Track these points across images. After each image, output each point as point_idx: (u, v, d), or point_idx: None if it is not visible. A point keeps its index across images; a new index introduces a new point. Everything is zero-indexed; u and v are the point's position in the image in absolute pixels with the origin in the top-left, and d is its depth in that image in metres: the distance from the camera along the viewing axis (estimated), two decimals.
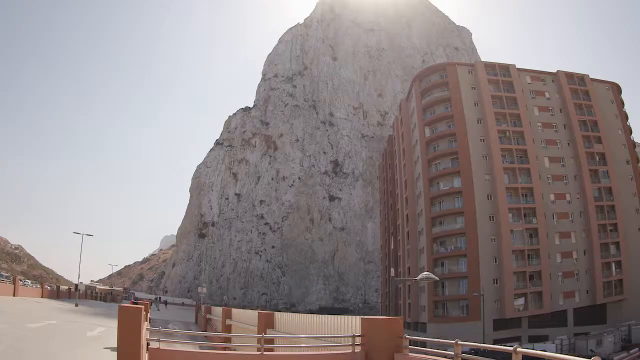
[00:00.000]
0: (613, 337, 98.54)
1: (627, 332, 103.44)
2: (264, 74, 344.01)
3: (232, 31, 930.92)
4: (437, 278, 49.60)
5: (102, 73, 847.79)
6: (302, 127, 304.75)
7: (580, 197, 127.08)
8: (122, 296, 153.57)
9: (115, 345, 17.79)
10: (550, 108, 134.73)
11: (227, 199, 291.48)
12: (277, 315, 33.09)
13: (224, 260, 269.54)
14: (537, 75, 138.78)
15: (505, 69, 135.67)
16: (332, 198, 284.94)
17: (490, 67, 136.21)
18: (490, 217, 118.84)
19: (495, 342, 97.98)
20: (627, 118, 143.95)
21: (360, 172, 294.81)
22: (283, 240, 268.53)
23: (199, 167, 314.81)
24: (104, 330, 44.70)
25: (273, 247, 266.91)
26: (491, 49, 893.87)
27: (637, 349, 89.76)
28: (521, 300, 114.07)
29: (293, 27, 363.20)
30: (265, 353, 19.58)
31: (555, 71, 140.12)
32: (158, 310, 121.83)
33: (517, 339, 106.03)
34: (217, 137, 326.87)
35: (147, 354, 18.40)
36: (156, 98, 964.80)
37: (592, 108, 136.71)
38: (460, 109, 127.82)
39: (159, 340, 19.11)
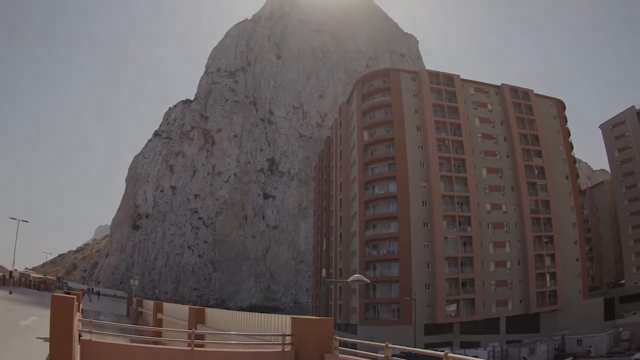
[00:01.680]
0: (547, 345, 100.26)
1: (561, 341, 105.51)
2: (207, 68, 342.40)
3: (181, 22, 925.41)
4: (368, 281, 49.46)
5: (43, 57, 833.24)
6: (241, 123, 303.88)
7: (517, 208, 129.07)
8: (56, 285, 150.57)
9: (48, 335, 17.35)
10: (491, 120, 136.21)
11: (162, 191, 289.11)
12: (208, 311, 32.78)
13: (157, 253, 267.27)
14: (481, 87, 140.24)
15: (449, 78, 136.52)
16: (266, 196, 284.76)
17: (434, 75, 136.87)
18: (424, 223, 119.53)
19: (426, 346, 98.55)
20: (569, 134, 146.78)
21: (296, 172, 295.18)
22: (216, 236, 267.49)
23: (136, 158, 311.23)
24: (37, 319, 43.81)
25: (206, 242, 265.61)
26: (437, 58, 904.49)
27: (570, 358, 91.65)
28: (453, 307, 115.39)
29: (241, 22, 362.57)
30: (195, 349, 19.36)
31: (500, 84, 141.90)
32: (90, 301, 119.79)
33: (448, 344, 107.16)
34: (157, 128, 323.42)
35: (78, 346, 17.92)
36: (97, 84, 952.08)
37: (534, 122, 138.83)
38: (400, 114, 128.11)
39: (90, 332, 18.61)
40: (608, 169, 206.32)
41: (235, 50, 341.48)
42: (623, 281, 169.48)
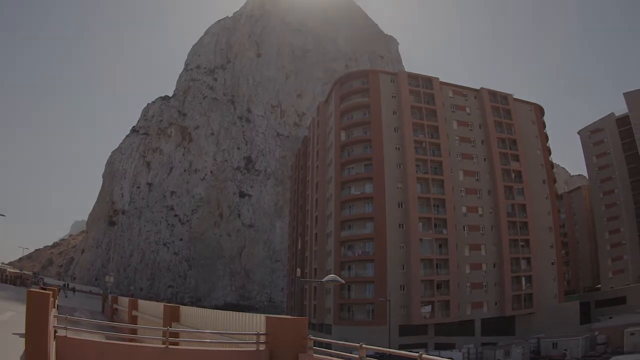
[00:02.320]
0: (522, 348, 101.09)
1: (537, 344, 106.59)
2: (186, 64, 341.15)
3: (162, 17, 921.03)
4: (343, 281, 49.45)
5: (22, 50, 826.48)
6: (218, 120, 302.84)
7: (493, 211, 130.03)
8: (32, 280, 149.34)
9: (24, 331, 17.19)
10: (469, 123, 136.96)
11: (138, 187, 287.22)
12: (183, 309, 32.75)
13: (132, 250, 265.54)
14: (460, 90, 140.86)
15: (428, 81, 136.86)
16: (242, 194, 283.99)
17: (413, 77, 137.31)
18: (400, 224, 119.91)
19: (401, 347, 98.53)
20: (547, 139, 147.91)
21: (272, 171, 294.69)
22: (191, 234, 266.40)
23: (113, 153, 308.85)
24: (13, 314, 43.37)
25: (181, 239, 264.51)
26: (417, 61, 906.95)
27: None
28: (428, 308, 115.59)
29: (222, 19, 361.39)
30: (170, 347, 19.39)
31: (479, 88, 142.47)
32: (66, 297, 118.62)
33: (423, 346, 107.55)
34: (134, 124, 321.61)
35: (54, 342, 17.90)
36: (76, 79, 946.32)
37: (513, 127, 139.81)
38: (378, 116, 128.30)
39: (66, 328, 18.64)
40: (586, 174, 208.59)
41: (215, 48, 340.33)
42: (599, 285, 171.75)
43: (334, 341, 19.49)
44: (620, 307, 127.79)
